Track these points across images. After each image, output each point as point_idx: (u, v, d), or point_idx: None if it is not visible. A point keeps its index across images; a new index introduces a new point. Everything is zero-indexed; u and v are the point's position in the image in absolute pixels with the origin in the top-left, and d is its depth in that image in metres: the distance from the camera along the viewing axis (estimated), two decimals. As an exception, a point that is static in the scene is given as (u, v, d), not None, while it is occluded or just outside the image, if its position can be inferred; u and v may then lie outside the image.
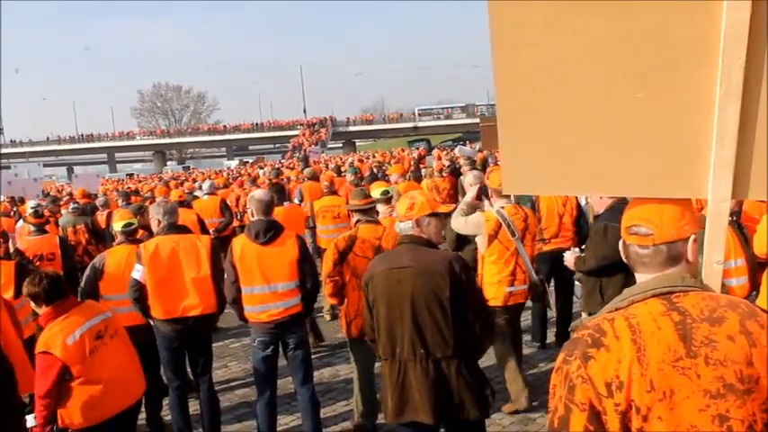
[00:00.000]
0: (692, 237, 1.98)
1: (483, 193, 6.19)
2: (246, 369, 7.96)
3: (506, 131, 2.23)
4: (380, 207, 6.49)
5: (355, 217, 5.89)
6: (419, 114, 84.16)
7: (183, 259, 5.51)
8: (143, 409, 6.15)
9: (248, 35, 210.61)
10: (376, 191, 6.62)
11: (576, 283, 7.99)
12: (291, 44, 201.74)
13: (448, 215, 3.98)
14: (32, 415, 4.18)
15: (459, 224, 6.02)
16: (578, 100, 2.10)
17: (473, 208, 6.11)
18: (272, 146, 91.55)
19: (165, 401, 6.00)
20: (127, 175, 58.95)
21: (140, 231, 6.73)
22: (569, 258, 5.37)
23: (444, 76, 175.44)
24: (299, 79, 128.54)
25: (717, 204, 2.03)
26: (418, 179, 15.24)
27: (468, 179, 7.23)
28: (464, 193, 13.84)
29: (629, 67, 2.03)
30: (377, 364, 6.07)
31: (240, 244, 5.31)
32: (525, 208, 6.25)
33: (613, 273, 4.88)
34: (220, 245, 10.58)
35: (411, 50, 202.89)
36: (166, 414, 6.21)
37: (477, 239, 6.12)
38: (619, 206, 5.64)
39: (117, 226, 6.22)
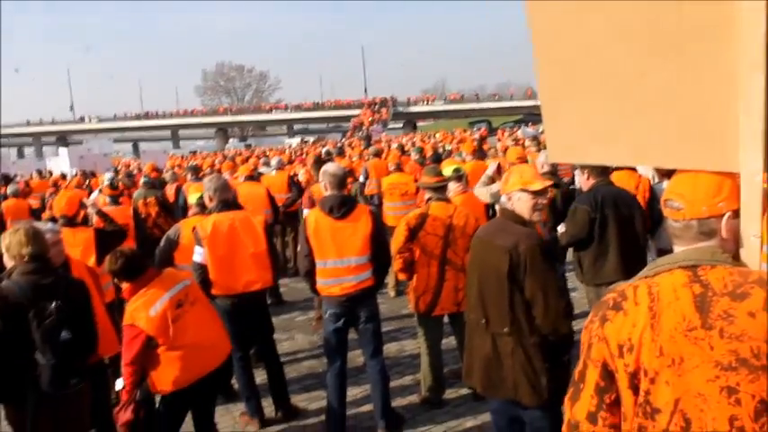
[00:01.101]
0: (728, 214, 1.98)
1: None
2: (313, 341, 8.11)
3: (548, 104, 2.37)
4: (452, 185, 6.50)
5: (426, 194, 5.90)
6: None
7: (242, 235, 5.64)
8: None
9: (309, 15, 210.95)
10: (447, 169, 6.64)
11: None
12: (353, 24, 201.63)
13: (540, 193, 3.82)
14: (121, 379, 4.36)
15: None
16: (613, 74, 2.17)
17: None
18: (332, 125, 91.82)
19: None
20: (190, 152, 59.89)
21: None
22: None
23: (507, 56, 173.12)
24: (361, 59, 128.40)
25: (749, 177, 2.00)
26: (481, 159, 15.16)
27: (542, 159, 7.31)
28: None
29: (658, 41, 2.06)
30: (444, 340, 6.14)
31: (314, 218, 5.37)
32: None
33: (584, 248, 5.78)
34: (287, 220, 10.82)
35: (473, 31, 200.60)
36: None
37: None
38: (596, 189, 5.81)
39: (192, 198, 6.38)
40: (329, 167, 5.53)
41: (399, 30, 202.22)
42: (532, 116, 72.94)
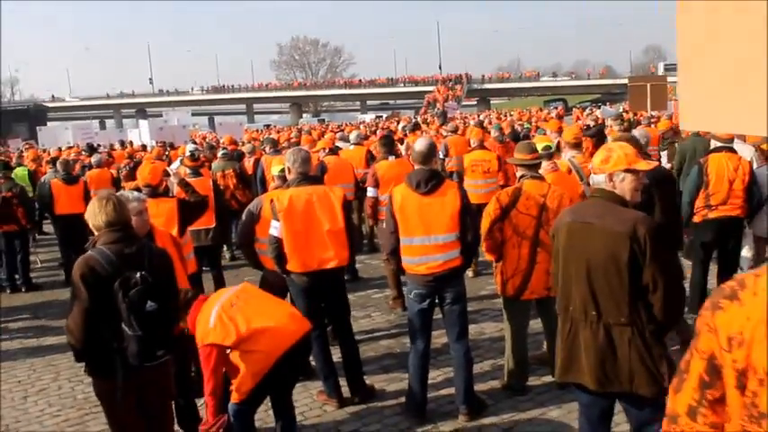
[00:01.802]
0: None
1: None
2: (390, 320, 7.96)
3: (685, 73, 2.31)
4: (543, 163, 6.20)
5: (520, 172, 5.63)
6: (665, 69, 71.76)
7: (318, 211, 5.45)
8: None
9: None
10: (538, 145, 6.32)
11: (743, 254, 7.50)
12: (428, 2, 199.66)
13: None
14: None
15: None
16: (747, 43, 2.01)
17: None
18: (406, 101, 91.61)
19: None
20: (264, 125, 60.56)
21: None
22: None
23: (583, 35, 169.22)
24: (435, 35, 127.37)
25: None
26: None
27: (638, 134, 7.06)
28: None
29: None
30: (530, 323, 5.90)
31: (401, 193, 5.17)
32: None
33: None
34: (364, 196, 10.72)
35: (550, 7, 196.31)
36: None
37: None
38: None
39: (274, 170, 6.25)
40: (417, 143, 5.32)
41: (476, 6, 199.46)
42: (609, 95, 71.48)
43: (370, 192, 8.01)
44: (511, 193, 5.43)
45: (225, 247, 11.33)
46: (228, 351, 4.37)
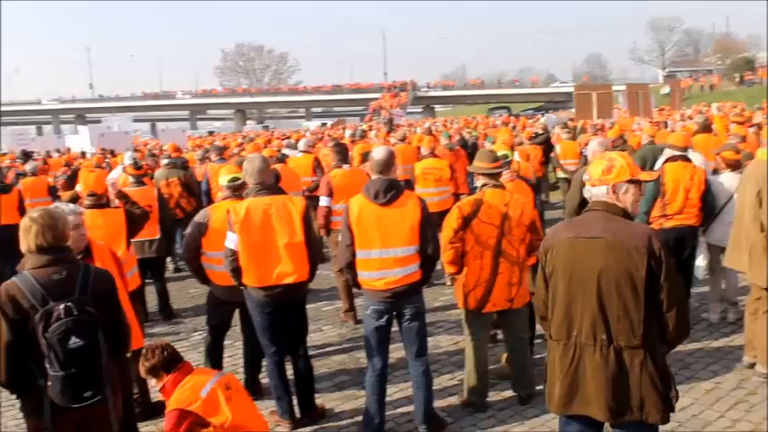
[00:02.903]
0: None
1: None
2: (342, 334, 7.71)
3: None
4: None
5: (481, 180, 5.44)
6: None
7: (275, 223, 5.15)
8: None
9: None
10: (498, 154, 6.16)
11: (697, 263, 7.47)
12: (373, 6, 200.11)
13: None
14: None
15: None
16: None
17: None
18: (351, 108, 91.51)
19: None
20: (208, 132, 59.63)
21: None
22: None
23: (527, 43, 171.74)
24: (381, 42, 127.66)
25: None
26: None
27: (593, 146, 7.02)
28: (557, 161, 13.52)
29: None
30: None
31: (358, 204, 4.93)
32: None
33: None
34: (311, 204, 10.48)
35: (495, 17, 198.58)
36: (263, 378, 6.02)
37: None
38: None
39: (223, 180, 5.93)
40: (375, 151, 5.09)
41: (420, 14, 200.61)
42: (553, 103, 72.47)
43: (323, 201, 7.74)
44: (473, 203, 5.25)
45: (168, 259, 10.94)
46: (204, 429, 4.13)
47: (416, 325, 5.06)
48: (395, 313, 5.05)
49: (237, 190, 5.84)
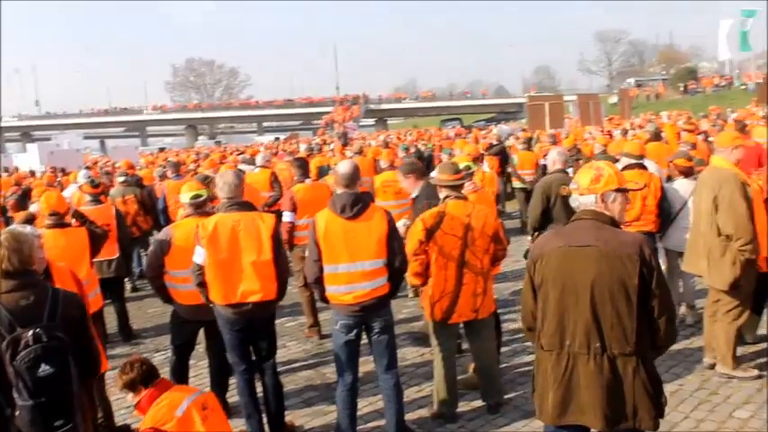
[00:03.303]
0: None
1: None
2: (307, 350, 7.66)
3: None
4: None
5: (443, 192, 5.48)
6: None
7: (242, 240, 5.09)
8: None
9: (281, 12, 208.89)
10: (460, 165, 6.21)
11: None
12: (324, 21, 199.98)
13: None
14: None
15: None
16: None
17: None
18: (303, 122, 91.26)
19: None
20: (159, 149, 58.94)
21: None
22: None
23: (478, 55, 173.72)
24: (332, 56, 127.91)
25: None
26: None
27: (553, 155, 7.13)
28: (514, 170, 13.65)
29: None
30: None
31: (324, 219, 4.92)
32: None
33: None
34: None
35: (447, 29, 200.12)
36: (231, 396, 5.95)
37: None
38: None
39: (184, 197, 5.86)
40: (340, 165, 5.09)
41: (371, 27, 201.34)
42: (504, 114, 73.34)
43: (287, 216, 7.67)
44: (435, 215, 5.28)
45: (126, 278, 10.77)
46: None
47: (386, 338, 5.07)
48: (364, 327, 5.04)
49: (200, 207, 5.78)
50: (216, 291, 5.11)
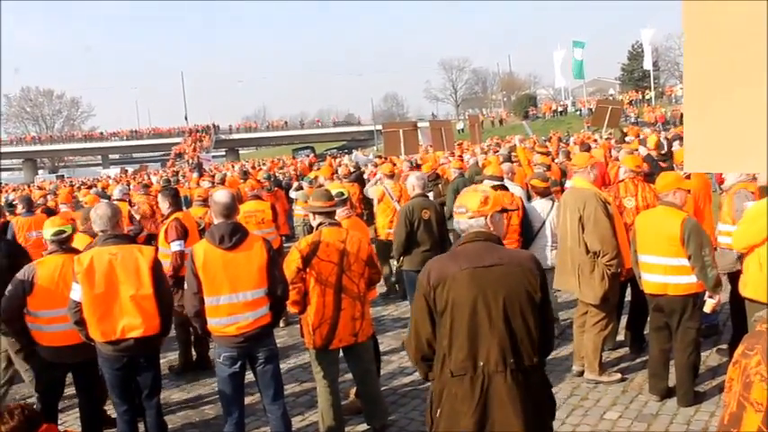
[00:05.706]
0: None
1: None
2: (181, 386, 7.40)
3: (691, 115, 2.34)
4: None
5: (317, 220, 5.53)
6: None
7: (120, 274, 4.93)
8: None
9: (122, 39, 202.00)
10: (333, 192, 6.29)
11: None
12: (170, 49, 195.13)
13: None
14: None
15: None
16: (756, 84, 2.13)
17: None
18: (152, 154, 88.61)
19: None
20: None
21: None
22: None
23: (327, 83, 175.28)
24: (180, 86, 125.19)
25: None
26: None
27: (412, 180, 7.47)
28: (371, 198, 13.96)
29: None
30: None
31: (203, 249, 4.85)
32: None
33: None
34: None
35: (294, 58, 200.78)
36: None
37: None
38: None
39: (48, 233, 5.58)
40: (216, 195, 5.04)
41: (219, 56, 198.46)
42: (355, 142, 74.49)
43: (177, 245, 7.28)
44: (311, 242, 5.32)
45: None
46: None
47: (271, 368, 5.04)
48: (248, 358, 4.99)
49: (64, 243, 5.53)
50: (94, 327, 4.91)
